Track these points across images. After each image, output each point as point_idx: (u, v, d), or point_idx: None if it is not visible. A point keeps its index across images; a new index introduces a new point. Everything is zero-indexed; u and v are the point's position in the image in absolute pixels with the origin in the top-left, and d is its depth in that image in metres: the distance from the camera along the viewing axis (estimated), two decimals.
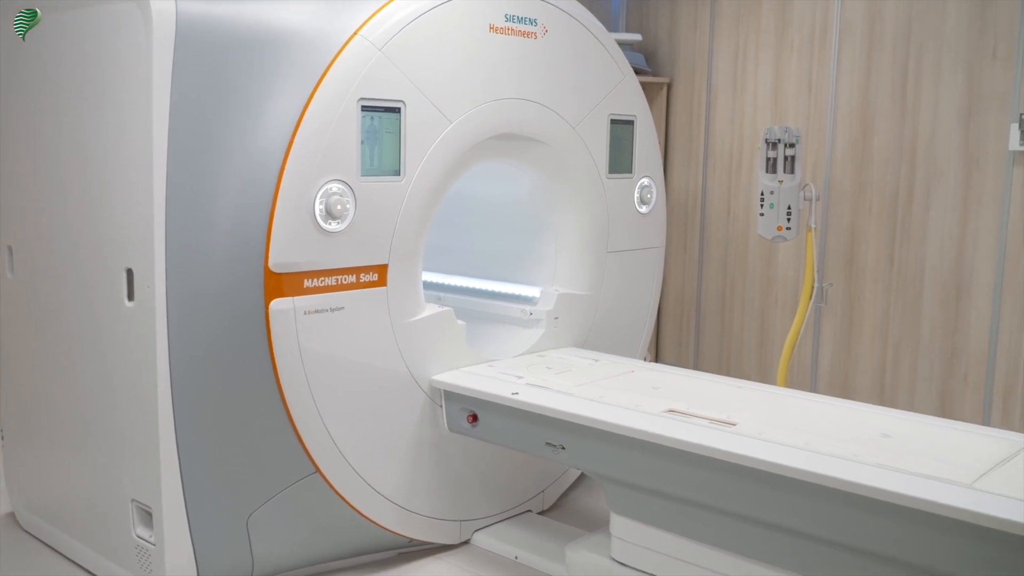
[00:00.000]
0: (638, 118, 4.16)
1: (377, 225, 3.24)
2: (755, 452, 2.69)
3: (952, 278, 4.38)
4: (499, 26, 3.55)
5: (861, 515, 2.49)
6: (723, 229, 5.30)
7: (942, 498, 2.35)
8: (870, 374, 4.71)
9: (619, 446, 2.99)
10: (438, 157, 3.38)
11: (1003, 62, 4.15)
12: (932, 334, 4.47)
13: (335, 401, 3.21)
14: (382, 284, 3.30)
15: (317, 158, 3.05)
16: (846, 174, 4.71)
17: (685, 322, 5.56)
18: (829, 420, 3.06)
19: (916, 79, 4.43)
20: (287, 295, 3.05)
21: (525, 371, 3.56)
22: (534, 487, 3.99)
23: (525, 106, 3.67)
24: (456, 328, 3.58)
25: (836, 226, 4.76)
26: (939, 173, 4.39)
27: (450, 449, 3.60)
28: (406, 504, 3.49)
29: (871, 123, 4.61)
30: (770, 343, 5.12)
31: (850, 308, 4.76)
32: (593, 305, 4.07)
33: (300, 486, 3.23)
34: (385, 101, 3.20)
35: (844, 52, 4.69)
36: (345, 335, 3.21)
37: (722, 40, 5.22)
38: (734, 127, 5.21)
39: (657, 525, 3.04)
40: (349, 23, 3.16)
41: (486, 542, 3.72)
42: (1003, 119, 4.16)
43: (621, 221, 4.12)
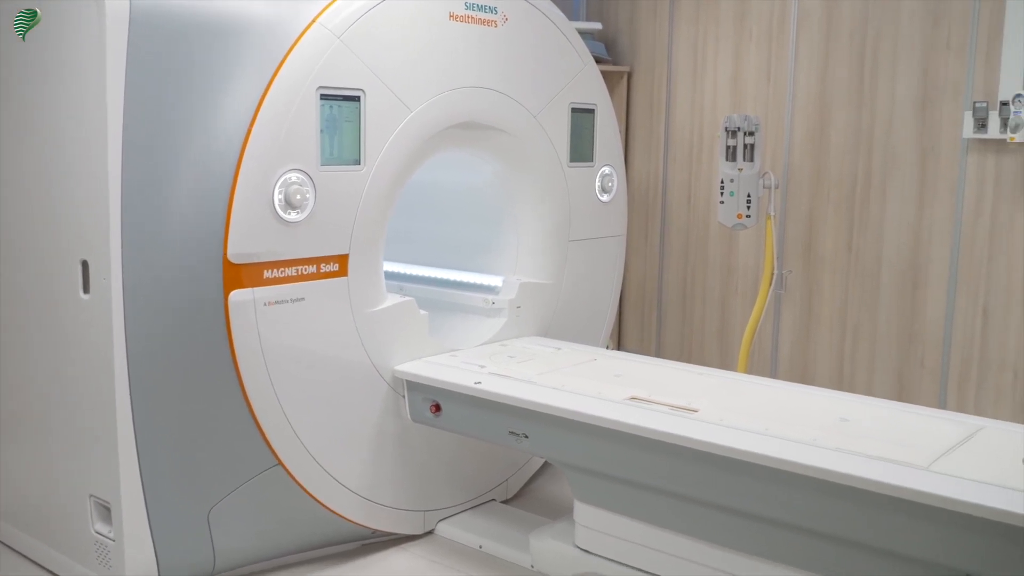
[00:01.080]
0: (599, 107, 4.17)
1: (337, 215, 3.22)
2: (716, 438, 2.71)
3: (908, 265, 4.43)
4: (459, 14, 3.54)
5: (821, 499, 2.52)
6: (684, 217, 5.33)
7: (900, 481, 2.38)
8: (829, 360, 4.76)
9: (582, 434, 3.00)
10: (398, 146, 3.36)
11: (956, 52, 4.20)
12: (889, 320, 4.52)
13: (297, 393, 3.19)
14: (343, 274, 3.27)
15: (276, 147, 3.02)
16: (804, 162, 4.75)
17: (647, 310, 5.59)
18: (789, 406, 3.09)
19: (872, 69, 4.48)
20: (246, 286, 3.02)
21: (488, 360, 3.56)
22: (498, 476, 4.00)
23: (486, 94, 3.65)
24: (418, 318, 3.57)
25: (795, 214, 4.80)
26: (895, 161, 4.44)
27: (413, 439, 3.59)
28: (369, 495, 3.48)
29: (829, 112, 4.65)
30: (731, 330, 5.17)
31: (809, 295, 4.81)
32: (555, 294, 4.07)
33: (262, 479, 3.21)
34: (344, 90, 3.18)
35: (802, 42, 4.72)
36: (306, 326, 3.19)
37: (682, 29, 5.24)
38: (694, 116, 5.23)
39: (620, 512, 3.05)
40: (307, 11, 3.13)
41: (450, 532, 3.72)
42: (957, 108, 4.21)
43: (583, 210, 4.13)
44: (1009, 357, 4.14)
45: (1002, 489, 2.31)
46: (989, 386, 4.22)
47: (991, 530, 2.25)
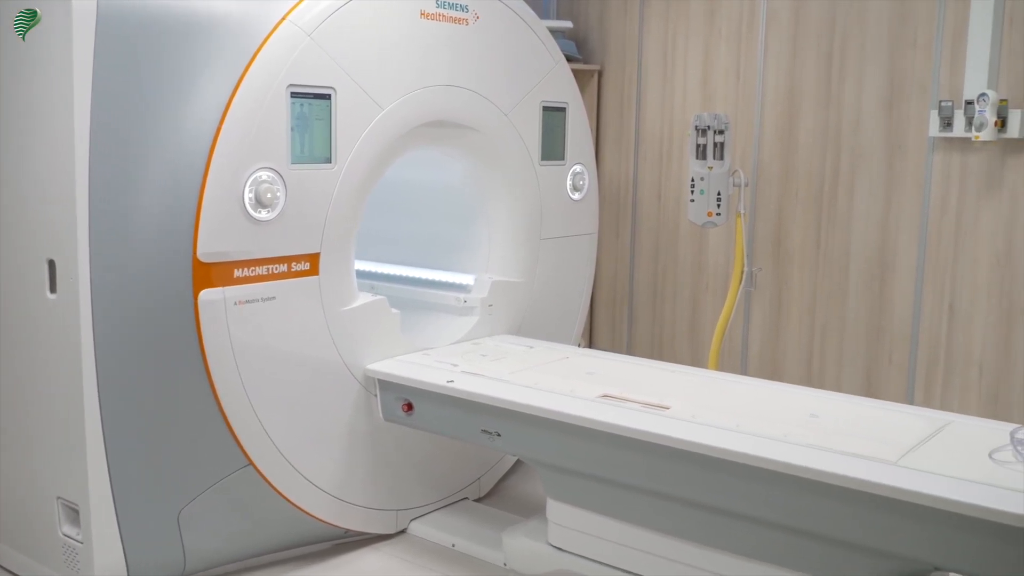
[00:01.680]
0: (570, 105, 4.17)
1: (308, 213, 3.20)
2: (688, 435, 2.72)
3: (876, 261, 4.48)
4: (430, 12, 3.53)
5: (793, 494, 2.55)
6: (654, 215, 5.35)
7: (870, 476, 2.41)
8: (798, 356, 4.80)
9: (554, 431, 3.00)
10: (370, 144, 3.35)
11: (923, 51, 4.25)
12: (857, 316, 4.57)
13: (268, 392, 3.17)
14: (314, 273, 3.26)
15: (245, 146, 3.00)
16: (773, 160, 4.78)
17: (618, 308, 5.60)
18: (760, 402, 3.11)
19: (840, 67, 4.52)
20: (216, 285, 3.00)
21: (460, 359, 3.56)
22: (470, 475, 3.99)
23: (457, 93, 3.65)
24: (390, 317, 3.56)
25: (764, 212, 4.84)
26: (863, 159, 4.48)
27: (385, 439, 3.58)
28: (341, 495, 3.46)
29: (797, 110, 4.69)
30: (701, 327, 5.19)
31: (778, 292, 4.84)
32: (527, 292, 4.08)
33: (233, 479, 3.19)
34: (315, 87, 3.16)
35: (771, 41, 4.75)
36: (277, 325, 3.17)
37: (652, 28, 5.26)
38: (664, 114, 5.25)
39: (593, 509, 3.06)
40: (277, 8, 3.12)
41: (423, 531, 3.71)
42: (923, 106, 4.26)
43: (554, 208, 4.13)
44: (975, 352, 4.20)
45: (969, 483, 2.34)
46: (956, 381, 4.27)
47: (959, 524, 2.28)
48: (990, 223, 4.10)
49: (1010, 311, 4.08)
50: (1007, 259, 4.06)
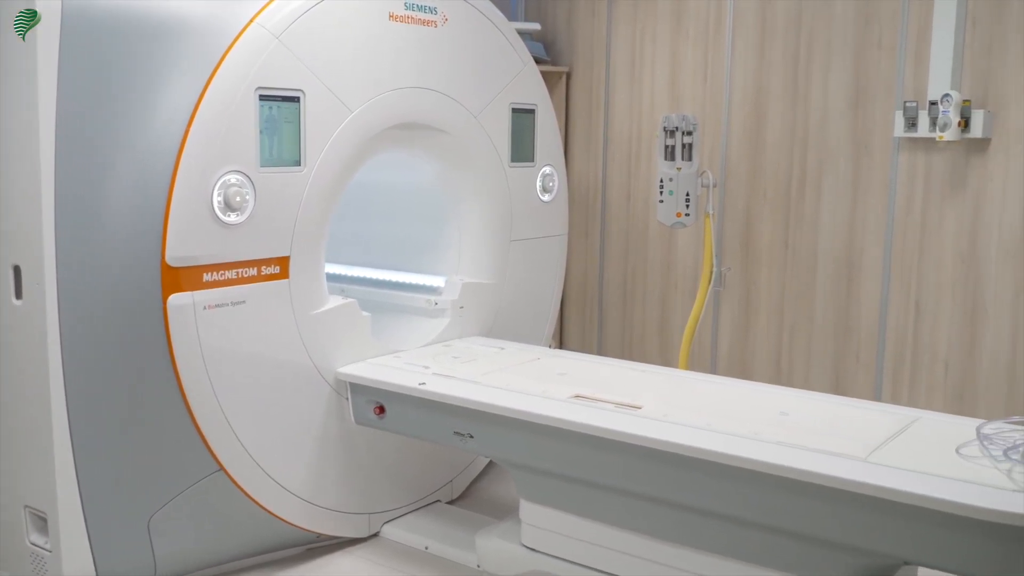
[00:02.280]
0: (539, 107, 4.18)
1: (278, 217, 3.19)
2: (660, 434, 2.74)
3: (843, 260, 4.52)
4: (399, 14, 3.53)
5: (764, 491, 2.57)
6: (623, 216, 5.37)
7: (839, 472, 2.43)
8: (767, 355, 4.84)
9: (527, 432, 3.01)
10: (339, 147, 3.34)
11: (888, 52, 4.30)
12: (825, 315, 4.61)
13: (238, 397, 3.15)
14: (284, 276, 3.24)
15: (214, 149, 2.98)
16: (741, 161, 4.82)
17: (588, 309, 5.62)
18: (730, 400, 3.13)
19: (807, 68, 4.56)
20: (185, 289, 2.98)
21: (431, 361, 3.55)
22: (442, 477, 3.99)
23: (426, 95, 3.65)
24: (361, 320, 3.55)
25: (732, 212, 4.87)
26: (829, 159, 4.53)
27: (357, 442, 3.57)
28: (313, 499, 3.45)
29: (765, 111, 4.73)
30: (671, 327, 5.22)
31: (747, 291, 4.88)
32: (498, 294, 4.08)
33: (203, 485, 3.16)
34: (284, 90, 3.15)
35: (738, 42, 4.79)
36: (247, 329, 3.15)
37: (620, 29, 5.28)
38: (632, 115, 5.28)
39: (566, 510, 3.07)
40: (245, 10, 3.10)
41: (395, 534, 3.70)
42: (889, 107, 4.31)
43: (524, 209, 4.14)
44: (941, 349, 4.25)
45: (938, 478, 2.37)
46: (922, 378, 4.32)
47: (928, 518, 2.31)
48: (954, 222, 4.16)
49: (974, 309, 4.14)
50: (971, 257, 4.12)
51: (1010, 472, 2.38)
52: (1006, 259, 4.03)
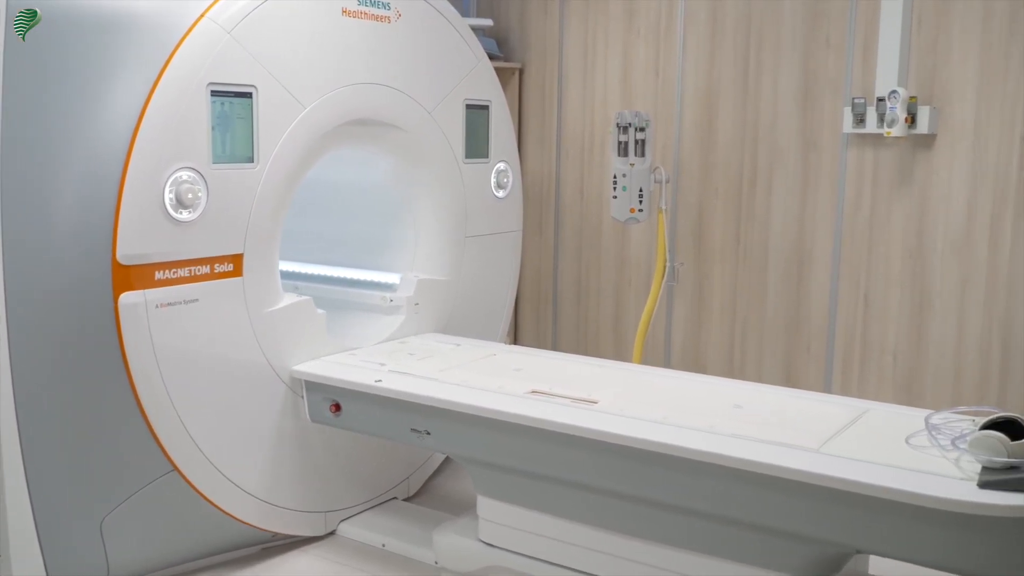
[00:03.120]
0: (493, 103, 4.19)
1: (231, 214, 3.16)
2: (617, 428, 2.76)
3: (794, 255, 4.59)
4: (352, 10, 3.51)
5: (720, 483, 2.60)
6: (577, 212, 5.39)
7: (793, 463, 2.47)
8: (720, 348, 4.89)
9: (484, 428, 3.01)
10: (293, 143, 3.31)
11: (836, 50, 4.36)
12: (776, 308, 4.67)
13: (192, 396, 3.12)
14: (237, 274, 3.21)
15: (165, 145, 2.95)
16: (693, 157, 4.86)
17: (542, 304, 5.64)
18: (685, 394, 3.16)
19: (757, 66, 4.61)
20: (137, 288, 2.94)
21: (387, 358, 3.54)
22: (399, 474, 3.98)
23: (380, 91, 3.64)
24: (316, 317, 3.53)
25: (685, 207, 4.92)
26: (780, 155, 4.59)
27: (312, 440, 3.55)
28: (268, 498, 3.42)
29: (716, 108, 4.77)
30: (625, 322, 5.25)
31: (700, 286, 4.93)
32: (453, 290, 4.08)
33: (157, 485, 3.13)
34: (236, 86, 3.12)
35: (689, 40, 4.83)
36: (200, 328, 3.12)
37: (572, 26, 5.30)
38: (585, 112, 5.30)
39: (524, 505, 3.08)
40: (195, 5, 3.07)
41: (352, 532, 3.69)
42: (837, 103, 4.37)
43: (479, 206, 4.14)
44: (889, 342, 4.33)
45: (888, 468, 2.42)
46: (871, 370, 4.40)
47: (879, 507, 2.36)
48: (901, 217, 4.24)
49: (921, 302, 4.22)
50: (918, 252, 4.20)
51: (958, 461, 2.43)
52: (951, 253, 4.11)
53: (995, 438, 2.33)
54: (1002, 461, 2.30)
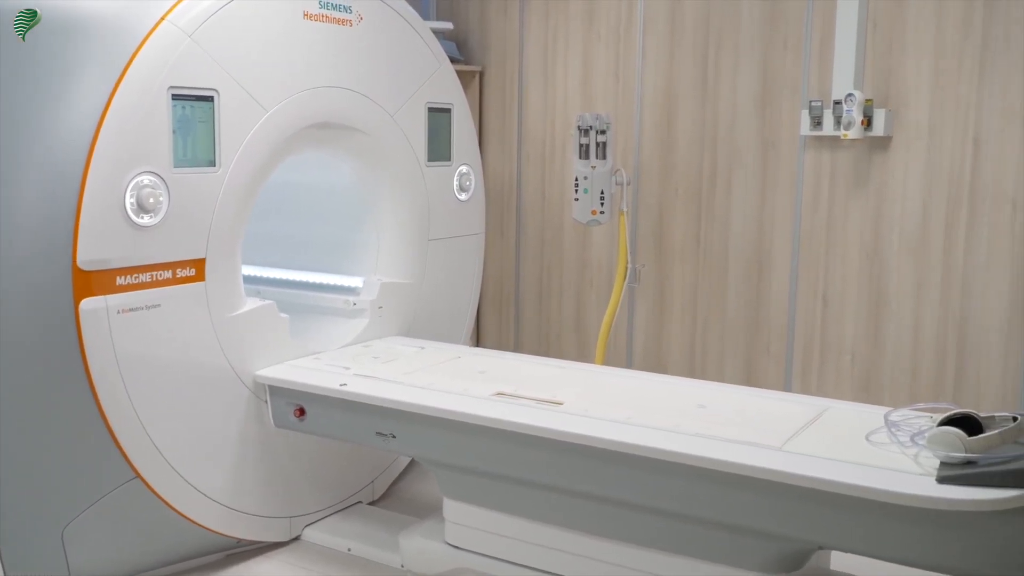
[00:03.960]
0: (455, 106, 4.20)
1: (193, 218, 3.14)
2: (582, 429, 2.78)
3: (753, 255, 4.64)
4: (313, 13, 3.50)
5: (685, 482, 2.63)
6: (539, 214, 5.41)
7: (757, 461, 2.51)
8: (681, 348, 4.93)
9: (450, 431, 3.02)
10: (254, 147, 3.30)
11: (793, 53, 4.43)
12: (737, 309, 4.73)
13: (154, 403, 3.09)
14: (200, 279, 3.19)
15: (125, 150, 2.92)
16: (654, 159, 4.91)
17: (505, 307, 5.65)
18: (649, 395, 3.19)
19: (716, 68, 4.66)
20: (98, 294, 2.91)
21: (351, 362, 3.54)
22: (364, 478, 3.97)
23: (342, 94, 3.63)
24: (279, 321, 3.51)
25: (646, 209, 4.95)
26: (739, 157, 4.64)
27: (276, 445, 3.53)
28: (232, 504, 3.40)
29: (675, 110, 4.82)
30: (587, 324, 5.28)
31: (661, 287, 4.97)
32: (416, 293, 4.08)
33: (119, 493, 3.09)
34: (197, 89, 3.10)
35: (649, 42, 4.87)
36: (162, 333, 3.10)
37: (532, 29, 5.32)
38: (546, 115, 5.32)
39: (490, 506, 3.09)
40: (155, 8, 3.04)
41: (317, 537, 3.67)
42: (795, 106, 4.44)
43: (441, 209, 4.15)
44: (847, 341, 4.40)
45: (850, 464, 2.46)
46: (830, 369, 4.46)
47: (841, 503, 2.40)
48: (858, 217, 4.30)
49: (878, 301, 4.29)
50: (875, 252, 4.27)
51: (917, 457, 2.48)
52: (907, 253, 4.19)
53: (953, 434, 2.38)
54: (960, 456, 2.35)
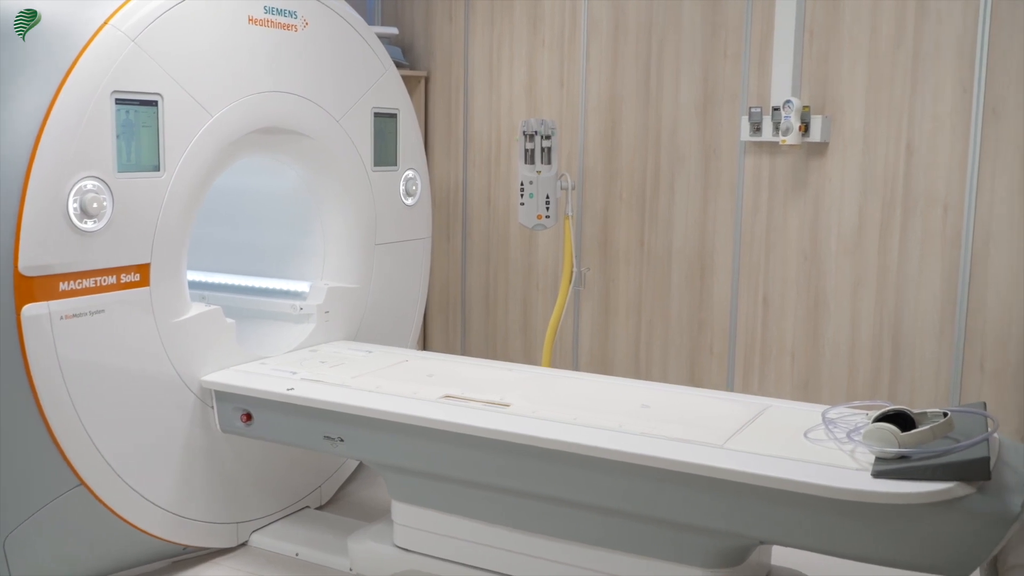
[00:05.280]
0: (401, 111, 4.21)
1: (137, 223, 3.12)
2: (529, 430, 2.82)
3: (696, 258, 4.73)
4: (258, 18, 3.50)
5: (630, 481, 2.68)
6: (485, 219, 5.45)
7: (699, 459, 2.56)
8: (627, 350, 5.00)
9: (398, 434, 3.04)
10: (199, 152, 3.29)
11: (733, 60, 4.52)
12: (680, 310, 4.81)
13: (98, 409, 3.07)
14: (144, 284, 3.17)
15: (68, 154, 2.90)
16: (598, 164, 4.97)
17: (452, 311, 5.67)
18: (595, 396, 3.24)
19: (658, 74, 4.74)
20: (40, 299, 2.88)
21: (299, 366, 3.54)
22: (311, 483, 3.97)
23: (287, 99, 3.63)
24: (225, 327, 3.50)
25: (591, 213, 5.02)
26: (681, 162, 4.72)
27: (222, 450, 3.51)
28: (179, 510, 3.38)
29: (619, 115, 4.89)
30: (533, 327, 5.33)
31: (606, 290, 5.03)
32: (363, 298, 4.09)
33: (63, 501, 3.06)
34: (140, 94, 3.08)
35: (592, 47, 4.94)
36: (106, 339, 3.07)
37: (477, 35, 5.36)
38: (492, 120, 5.36)
39: (438, 508, 3.12)
40: (98, 12, 3.02)
41: (264, 542, 3.66)
42: (735, 112, 4.53)
43: (388, 213, 4.16)
44: (787, 341, 4.50)
45: (788, 461, 2.53)
46: (771, 368, 4.56)
47: (780, 499, 2.46)
48: (797, 221, 4.41)
49: (816, 303, 4.39)
50: (813, 255, 4.38)
51: (853, 452, 2.56)
52: (844, 255, 4.29)
53: (887, 430, 2.45)
54: (894, 451, 2.43)
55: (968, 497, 2.30)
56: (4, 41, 2.85)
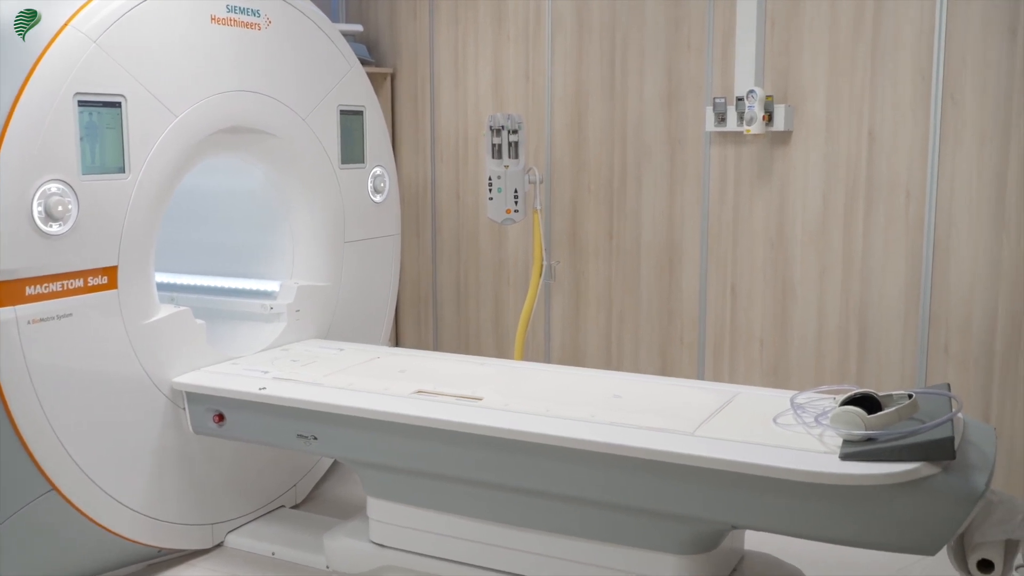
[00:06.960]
0: (367, 108, 4.21)
1: (103, 225, 3.10)
2: (502, 423, 2.84)
3: (664, 249, 4.76)
4: (221, 17, 3.49)
5: (603, 470, 2.70)
6: (454, 215, 5.46)
7: (670, 447, 2.59)
8: (598, 342, 5.03)
9: (372, 430, 3.05)
10: (165, 153, 3.27)
11: (696, 52, 4.55)
12: (650, 301, 4.84)
13: (69, 413, 3.05)
14: (112, 287, 3.16)
15: (31, 157, 2.88)
16: (565, 157, 4.99)
17: (423, 307, 5.68)
18: (566, 387, 3.26)
19: (623, 67, 4.77)
20: (7, 304, 2.86)
21: (270, 366, 3.53)
22: (286, 482, 3.97)
23: (252, 98, 3.62)
24: (195, 328, 3.49)
25: (559, 206, 5.04)
26: (647, 153, 4.75)
27: (195, 452, 3.51)
28: (153, 513, 3.37)
29: (585, 109, 4.91)
30: (505, 321, 5.35)
31: (576, 283, 5.06)
32: (333, 296, 4.09)
33: (34, 506, 3.04)
34: (103, 95, 3.07)
35: (557, 42, 4.95)
36: (75, 343, 3.06)
37: (442, 31, 5.36)
38: (459, 115, 5.37)
39: (414, 503, 3.13)
40: (58, 14, 2.99)
41: (240, 542, 3.66)
42: (699, 103, 4.56)
43: (356, 211, 4.16)
44: (755, 329, 4.54)
45: (758, 446, 2.56)
46: (740, 356, 4.60)
47: (751, 484, 2.50)
48: (763, 209, 4.45)
49: (783, 290, 4.44)
50: (779, 242, 4.42)
51: (821, 436, 2.60)
52: (810, 242, 4.34)
53: (854, 413, 2.49)
54: (861, 434, 2.47)
55: (934, 477, 2.34)
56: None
